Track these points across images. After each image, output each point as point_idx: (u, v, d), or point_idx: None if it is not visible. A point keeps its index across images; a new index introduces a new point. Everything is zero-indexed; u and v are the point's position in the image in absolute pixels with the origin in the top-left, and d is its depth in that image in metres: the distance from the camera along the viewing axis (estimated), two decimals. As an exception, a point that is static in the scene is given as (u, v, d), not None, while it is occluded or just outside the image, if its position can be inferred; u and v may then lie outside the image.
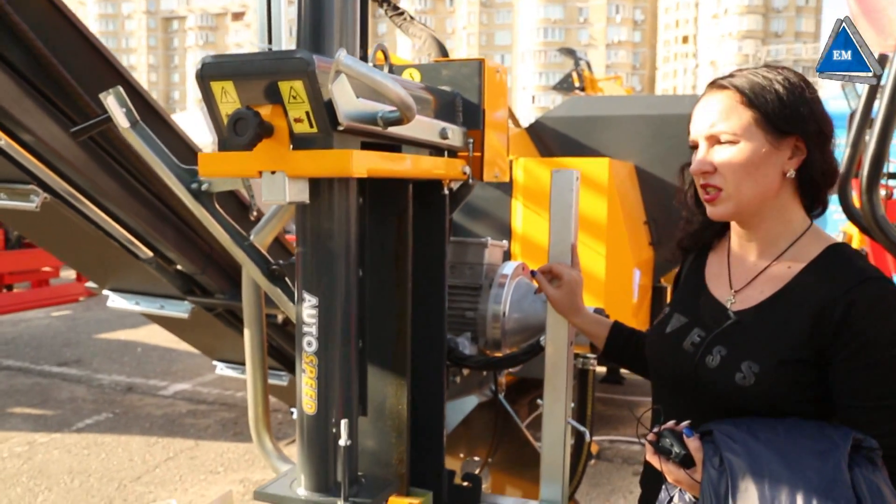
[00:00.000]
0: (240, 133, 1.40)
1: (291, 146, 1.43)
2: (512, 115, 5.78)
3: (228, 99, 1.45)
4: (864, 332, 1.33)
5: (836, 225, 8.76)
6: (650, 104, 5.80)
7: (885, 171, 3.15)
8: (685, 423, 1.38)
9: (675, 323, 1.57)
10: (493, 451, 2.61)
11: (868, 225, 3.28)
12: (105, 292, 3.20)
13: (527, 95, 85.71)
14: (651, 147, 5.01)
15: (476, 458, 2.65)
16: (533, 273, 1.96)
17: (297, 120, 1.41)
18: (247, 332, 2.07)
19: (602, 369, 6.38)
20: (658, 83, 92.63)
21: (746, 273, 1.51)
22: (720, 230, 1.62)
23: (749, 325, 1.45)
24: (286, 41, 1.70)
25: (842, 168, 4.07)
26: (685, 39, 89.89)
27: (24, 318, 9.64)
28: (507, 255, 2.54)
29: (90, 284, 3.32)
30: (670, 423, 1.39)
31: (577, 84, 9.65)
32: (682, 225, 1.67)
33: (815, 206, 1.52)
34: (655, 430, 1.39)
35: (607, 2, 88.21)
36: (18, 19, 2.07)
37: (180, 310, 3.03)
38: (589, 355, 2.24)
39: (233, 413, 5.96)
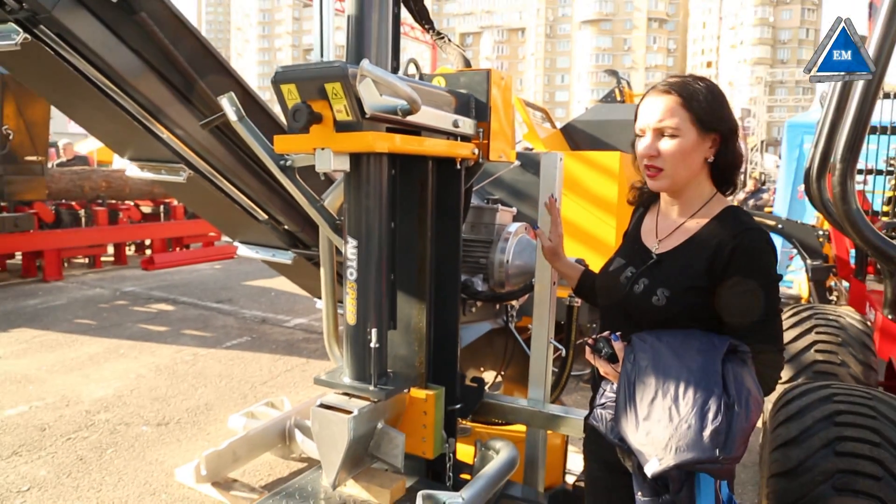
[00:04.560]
0: (297, 120, 1.50)
1: (335, 130, 1.52)
2: (549, 119, 5.71)
3: (292, 97, 1.55)
4: (743, 267, 1.36)
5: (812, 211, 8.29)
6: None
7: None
8: (619, 333, 1.44)
9: (615, 264, 1.61)
10: (506, 367, 2.68)
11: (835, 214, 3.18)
12: (235, 243, 3.40)
13: (581, 108, 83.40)
14: None
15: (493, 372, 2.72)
16: (535, 227, 2.01)
17: (339, 111, 1.50)
18: (322, 271, 2.16)
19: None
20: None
21: (668, 227, 1.54)
22: (655, 194, 1.64)
23: (665, 263, 1.49)
24: (333, 55, 1.78)
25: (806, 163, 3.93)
26: (709, 64, 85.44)
27: (196, 268, 10.14)
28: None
29: (225, 238, 3.51)
30: (605, 333, 1.45)
31: (618, 98, 9.36)
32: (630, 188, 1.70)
33: (726, 186, 1.53)
34: (594, 336, 1.45)
35: (646, 34, 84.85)
36: (166, 41, 2.22)
37: (286, 257, 3.19)
38: (574, 295, 2.27)
39: (336, 341, 6.15)
